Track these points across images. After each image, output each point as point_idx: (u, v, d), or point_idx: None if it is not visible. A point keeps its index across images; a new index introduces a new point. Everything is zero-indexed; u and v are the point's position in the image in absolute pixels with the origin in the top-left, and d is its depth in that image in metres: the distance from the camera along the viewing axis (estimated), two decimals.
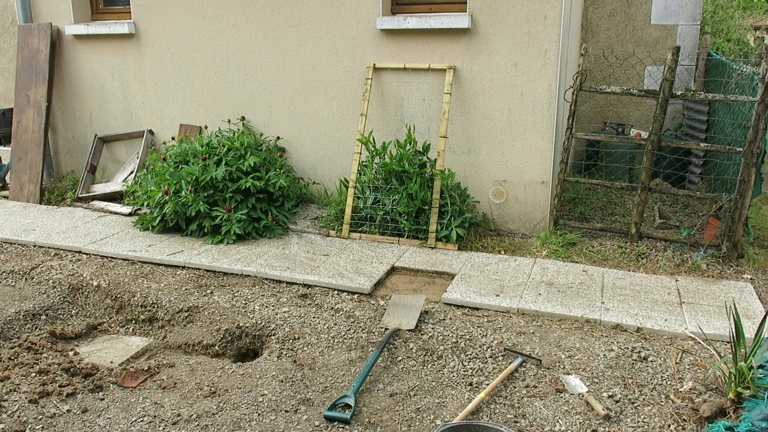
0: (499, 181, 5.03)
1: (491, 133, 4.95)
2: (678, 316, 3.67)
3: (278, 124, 5.63)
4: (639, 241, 4.76)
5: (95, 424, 2.80)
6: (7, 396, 2.98)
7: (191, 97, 5.89)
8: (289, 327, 3.62)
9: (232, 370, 3.28)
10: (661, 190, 4.86)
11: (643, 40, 6.84)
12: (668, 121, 6.94)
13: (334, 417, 2.80)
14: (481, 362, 3.25)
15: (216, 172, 4.92)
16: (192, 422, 2.80)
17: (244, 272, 4.34)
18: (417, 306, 3.74)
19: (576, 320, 3.67)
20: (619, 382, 3.05)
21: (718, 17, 11.72)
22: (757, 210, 5.93)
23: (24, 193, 6.14)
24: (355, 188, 5.03)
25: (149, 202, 5.15)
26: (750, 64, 5.18)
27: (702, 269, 4.37)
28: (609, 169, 6.36)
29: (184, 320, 3.87)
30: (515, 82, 4.80)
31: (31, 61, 6.20)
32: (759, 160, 4.42)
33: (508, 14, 4.72)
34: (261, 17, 5.43)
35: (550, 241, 4.77)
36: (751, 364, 2.72)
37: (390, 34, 5.07)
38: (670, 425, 2.72)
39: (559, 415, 2.81)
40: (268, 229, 5.04)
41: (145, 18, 5.87)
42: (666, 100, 4.61)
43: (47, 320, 3.93)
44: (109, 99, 6.24)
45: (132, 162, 6.16)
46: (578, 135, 5.04)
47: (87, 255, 4.74)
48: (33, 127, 6.19)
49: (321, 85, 5.38)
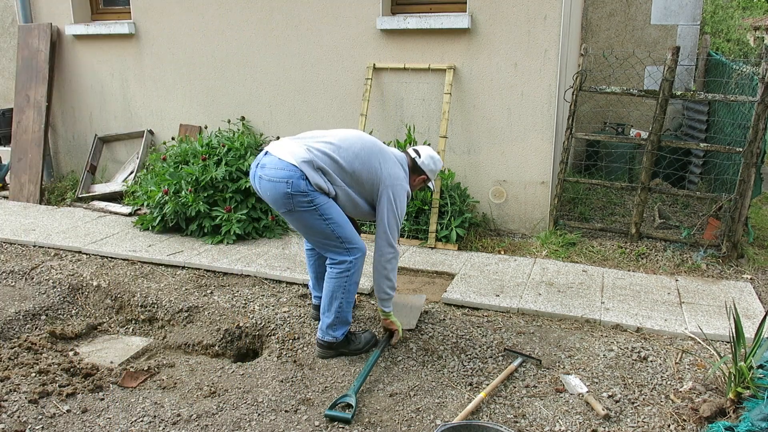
0: (499, 181, 5.03)
1: (491, 133, 4.95)
2: (678, 316, 3.67)
3: (278, 124, 5.63)
4: (639, 241, 4.76)
5: (95, 424, 2.80)
6: (7, 396, 2.98)
7: (191, 97, 5.89)
8: (289, 327, 3.62)
9: (232, 370, 3.28)
10: (661, 190, 4.86)
11: (643, 40, 6.84)
12: (668, 121, 6.94)
13: (335, 416, 2.80)
14: (481, 362, 3.25)
15: (216, 172, 4.92)
16: (192, 422, 2.80)
17: (244, 272, 4.34)
18: (417, 306, 3.75)
19: (576, 320, 3.67)
20: (619, 382, 3.05)
21: (718, 17, 11.72)
22: (757, 210, 5.93)
23: (24, 193, 6.14)
24: None
25: (149, 202, 5.15)
26: (750, 64, 5.19)
27: (702, 269, 4.37)
28: (609, 169, 6.36)
29: (184, 320, 3.87)
30: (515, 82, 4.81)
31: (31, 61, 6.20)
32: (759, 160, 4.43)
33: (508, 14, 4.72)
34: (261, 17, 5.44)
35: (550, 241, 4.77)
36: (751, 364, 2.72)
37: (390, 34, 5.07)
38: (670, 425, 2.72)
39: (559, 415, 2.81)
40: (268, 229, 5.04)
41: (145, 18, 5.87)
42: (666, 100, 4.61)
43: (47, 320, 3.93)
44: (109, 99, 6.24)
45: (132, 162, 6.16)
46: (578, 135, 5.05)
47: (87, 255, 4.74)
48: (33, 127, 6.19)
49: (321, 85, 5.39)
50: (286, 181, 3.00)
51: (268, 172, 3.05)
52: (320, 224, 3.10)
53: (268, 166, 3.06)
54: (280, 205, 3.09)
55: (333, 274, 3.19)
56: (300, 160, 3.02)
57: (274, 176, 3.03)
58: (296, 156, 3.04)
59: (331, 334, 3.25)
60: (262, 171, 3.08)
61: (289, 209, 3.07)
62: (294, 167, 3.00)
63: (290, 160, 3.02)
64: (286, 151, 3.07)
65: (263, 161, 3.11)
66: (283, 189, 3.01)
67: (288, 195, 3.01)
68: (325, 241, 3.17)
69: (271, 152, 3.11)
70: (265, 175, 3.07)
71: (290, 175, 3.00)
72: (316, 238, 3.19)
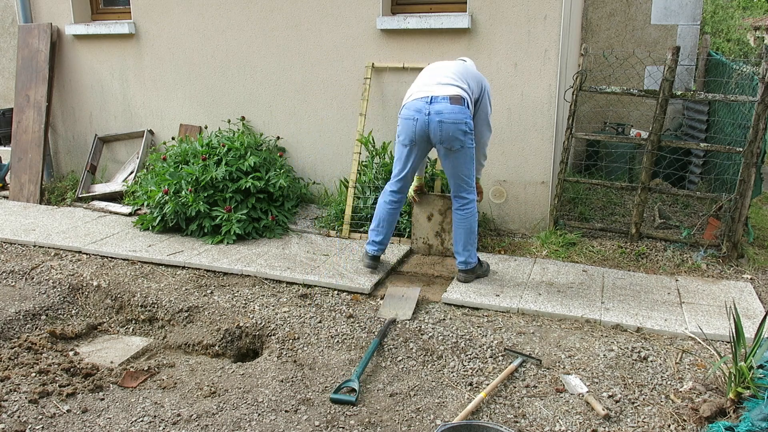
0: (499, 181, 5.04)
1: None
2: (678, 316, 3.67)
3: (278, 124, 5.63)
4: (639, 241, 4.76)
5: (95, 424, 2.80)
6: (7, 396, 2.99)
7: (191, 97, 5.89)
8: (289, 327, 3.63)
9: (232, 370, 3.28)
10: (661, 190, 4.86)
11: (643, 40, 6.84)
12: (668, 121, 6.95)
13: (340, 400, 2.92)
14: (481, 362, 3.25)
15: (216, 172, 4.92)
16: (192, 422, 2.80)
17: (244, 272, 4.34)
18: (412, 297, 3.85)
19: (576, 320, 3.67)
20: (619, 382, 3.05)
21: (718, 17, 11.73)
22: (757, 210, 5.93)
23: (24, 193, 6.14)
24: (355, 188, 5.03)
25: (149, 202, 5.15)
26: (750, 64, 5.19)
27: (702, 269, 4.37)
28: (609, 169, 6.37)
29: (184, 320, 3.87)
30: (515, 82, 4.81)
31: (31, 61, 6.21)
32: (759, 160, 4.43)
33: (508, 14, 4.72)
34: (261, 17, 5.44)
35: (550, 241, 4.77)
36: (751, 364, 2.72)
37: (390, 34, 5.07)
38: (670, 425, 2.72)
39: (559, 415, 2.81)
40: (268, 229, 5.04)
41: (145, 18, 5.87)
42: (666, 100, 4.61)
43: (47, 320, 3.93)
44: (109, 99, 6.24)
45: (132, 162, 6.16)
46: (578, 135, 5.05)
47: (87, 255, 4.74)
48: (33, 127, 6.20)
49: (321, 85, 5.39)
50: (464, 122, 3.78)
51: (448, 116, 3.75)
52: (470, 163, 3.93)
53: (445, 111, 3.75)
54: (453, 142, 3.80)
55: (465, 215, 4.00)
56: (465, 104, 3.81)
57: (455, 119, 3.75)
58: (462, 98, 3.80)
59: (470, 262, 4.08)
60: (440, 116, 3.76)
61: (460, 146, 3.82)
62: (467, 110, 3.80)
63: (460, 104, 3.78)
64: (452, 94, 3.78)
65: (437, 108, 3.77)
66: (464, 128, 3.78)
67: (464, 133, 3.80)
68: (466, 179, 3.96)
69: (438, 97, 3.79)
70: (445, 119, 3.75)
71: (467, 116, 3.79)
72: (462, 175, 3.95)
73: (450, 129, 3.76)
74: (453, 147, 3.82)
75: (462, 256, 4.08)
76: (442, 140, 3.82)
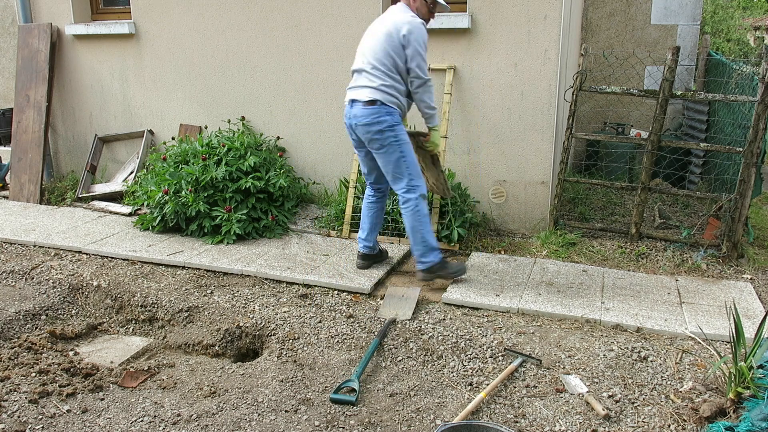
0: (499, 181, 5.04)
1: (491, 133, 4.95)
2: (678, 316, 3.67)
3: (278, 124, 5.63)
4: (639, 241, 4.76)
5: (95, 424, 2.80)
6: (7, 396, 2.99)
7: (191, 97, 5.89)
8: (289, 327, 3.63)
9: (232, 370, 3.28)
10: (661, 190, 4.86)
11: (643, 40, 6.84)
12: (668, 121, 6.94)
13: (340, 400, 2.91)
14: (481, 362, 3.25)
15: (216, 172, 4.92)
16: (192, 422, 2.80)
17: (244, 272, 4.34)
18: (412, 297, 3.85)
19: (576, 320, 3.67)
20: (619, 382, 3.05)
21: (718, 17, 11.73)
22: (757, 210, 5.93)
23: (24, 193, 6.14)
24: (355, 188, 5.03)
25: (149, 202, 5.15)
26: (750, 64, 5.19)
27: (702, 269, 4.37)
28: (609, 169, 6.36)
29: (184, 320, 3.87)
30: (515, 82, 4.81)
31: (31, 61, 6.21)
32: (759, 160, 4.43)
33: (508, 14, 4.72)
34: (261, 17, 5.44)
35: (550, 241, 4.78)
36: (751, 364, 2.73)
37: None
38: (670, 425, 2.72)
39: (559, 415, 2.81)
40: (268, 229, 5.04)
41: (145, 18, 5.87)
42: (666, 100, 4.61)
43: (47, 320, 3.93)
44: (109, 99, 6.24)
45: (132, 162, 6.16)
46: (578, 135, 5.05)
47: (87, 255, 4.74)
48: (33, 127, 6.20)
49: (321, 85, 5.38)
50: (377, 122, 3.78)
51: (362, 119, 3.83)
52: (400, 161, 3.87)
53: (360, 115, 3.84)
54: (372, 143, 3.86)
55: (406, 213, 3.91)
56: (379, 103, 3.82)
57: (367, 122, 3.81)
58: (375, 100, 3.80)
59: (424, 261, 3.94)
60: (356, 120, 3.87)
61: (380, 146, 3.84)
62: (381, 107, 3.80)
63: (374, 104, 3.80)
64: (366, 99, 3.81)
65: (354, 112, 3.87)
66: (377, 128, 3.80)
67: (380, 132, 3.80)
68: (399, 176, 3.89)
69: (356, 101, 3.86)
70: (360, 122, 3.84)
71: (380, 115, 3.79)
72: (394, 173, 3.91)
73: (363, 131, 3.88)
74: (373, 147, 3.92)
75: (414, 254, 4.03)
76: (366, 142, 3.95)
